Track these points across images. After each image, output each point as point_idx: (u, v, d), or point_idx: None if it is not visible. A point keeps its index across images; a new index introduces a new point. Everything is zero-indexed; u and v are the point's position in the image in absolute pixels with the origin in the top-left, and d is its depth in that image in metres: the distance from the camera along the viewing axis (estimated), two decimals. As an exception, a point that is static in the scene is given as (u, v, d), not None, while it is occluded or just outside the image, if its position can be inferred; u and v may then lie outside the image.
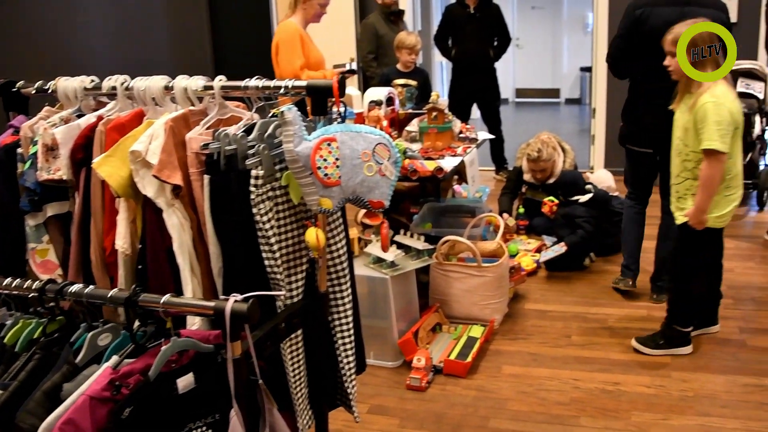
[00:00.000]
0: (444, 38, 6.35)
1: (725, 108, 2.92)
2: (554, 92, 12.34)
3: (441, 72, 9.59)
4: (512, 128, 8.29)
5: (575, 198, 4.43)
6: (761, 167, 5.66)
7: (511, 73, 12.11)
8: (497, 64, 6.42)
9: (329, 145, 1.65)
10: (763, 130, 5.58)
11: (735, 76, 5.86)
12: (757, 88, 5.69)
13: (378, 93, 3.96)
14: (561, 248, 4.20)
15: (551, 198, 4.55)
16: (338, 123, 1.76)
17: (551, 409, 2.95)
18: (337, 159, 1.66)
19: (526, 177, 4.77)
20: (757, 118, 5.56)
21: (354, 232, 3.45)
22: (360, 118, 3.70)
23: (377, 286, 3.26)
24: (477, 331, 3.44)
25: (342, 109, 1.82)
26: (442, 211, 4.17)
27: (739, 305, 3.83)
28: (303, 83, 1.76)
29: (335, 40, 6.27)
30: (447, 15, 6.32)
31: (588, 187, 4.45)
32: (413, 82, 5.01)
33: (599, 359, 3.30)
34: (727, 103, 2.93)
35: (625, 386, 3.08)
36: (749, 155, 5.55)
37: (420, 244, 3.39)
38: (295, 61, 4.02)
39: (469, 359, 3.21)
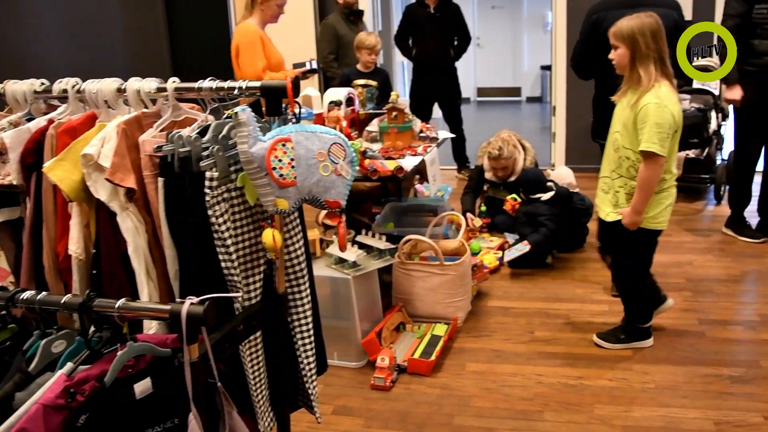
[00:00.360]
0: (404, 38, 6.37)
1: (668, 110, 2.90)
2: (515, 91, 12.44)
3: (402, 72, 9.61)
4: (474, 127, 8.35)
5: (537, 196, 4.46)
6: (718, 162, 5.76)
7: (472, 72, 12.18)
8: (458, 64, 6.46)
9: (284, 145, 1.64)
10: (719, 126, 5.68)
11: (691, 72, 5.97)
12: (712, 85, 5.79)
13: (337, 93, 3.96)
14: (524, 247, 4.22)
15: (513, 196, 4.58)
16: (293, 123, 1.76)
17: (515, 404, 2.97)
18: (292, 159, 1.65)
19: (488, 175, 4.80)
20: (713, 114, 5.66)
21: (315, 233, 3.44)
22: (320, 119, 3.69)
23: (340, 287, 3.26)
24: (440, 330, 3.45)
25: (298, 110, 1.81)
26: (404, 211, 4.17)
27: (698, 297, 3.90)
28: (257, 84, 1.74)
29: (295, 40, 6.24)
30: (407, 15, 6.34)
31: (549, 184, 4.48)
32: (373, 83, 5.01)
33: (562, 354, 3.33)
34: (670, 106, 2.91)
35: (588, 380, 3.11)
36: (706, 150, 5.64)
37: (382, 243, 3.40)
38: (258, 63, 4.00)
39: (433, 357, 3.22)
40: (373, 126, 4.10)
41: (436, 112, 6.55)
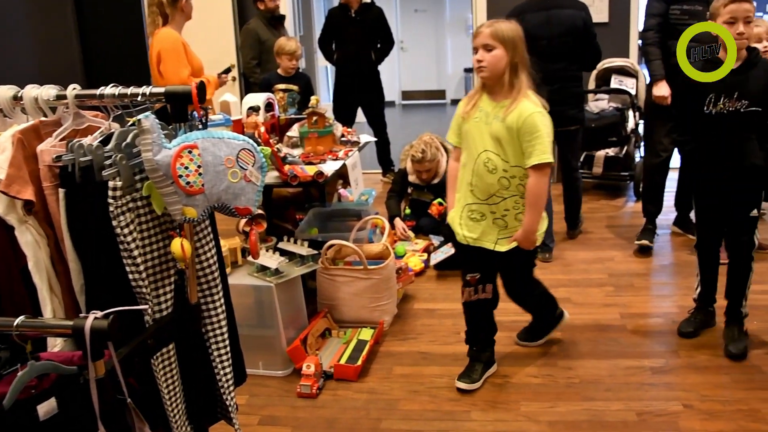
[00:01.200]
0: (327, 42, 6.35)
1: (548, 118, 2.72)
2: (440, 93, 12.57)
3: (326, 76, 9.59)
4: (399, 130, 8.39)
5: None
6: (636, 160, 5.92)
7: (396, 75, 12.26)
8: (382, 67, 6.47)
9: (190, 152, 1.60)
10: (637, 124, 5.84)
11: (609, 73, 6.13)
12: (629, 84, 5.97)
13: (256, 99, 3.91)
14: (450, 249, 4.24)
15: (439, 201, 4.61)
16: (200, 129, 1.71)
17: (442, 405, 2.98)
18: (199, 166, 1.61)
19: (411, 178, 4.81)
20: (630, 113, 5.83)
21: (237, 241, 3.39)
22: (238, 125, 3.63)
23: (262, 295, 3.21)
24: (367, 334, 3.44)
25: (205, 115, 1.76)
26: (328, 216, 4.15)
27: (619, 292, 3.99)
28: (161, 90, 1.69)
29: (215, 46, 6.15)
30: (329, 19, 6.32)
31: None
32: (295, 87, 4.98)
33: (487, 353, 3.35)
34: (546, 113, 2.74)
35: (514, 378, 3.14)
36: (625, 148, 5.80)
37: (304, 250, 3.36)
38: (182, 71, 3.90)
39: (360, 362, 3.20)
40: (294, 131, 4.07)
41: (363, 116, 6.55)
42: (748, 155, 3.07)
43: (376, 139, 5.71)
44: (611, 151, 6.02)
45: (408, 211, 4.94)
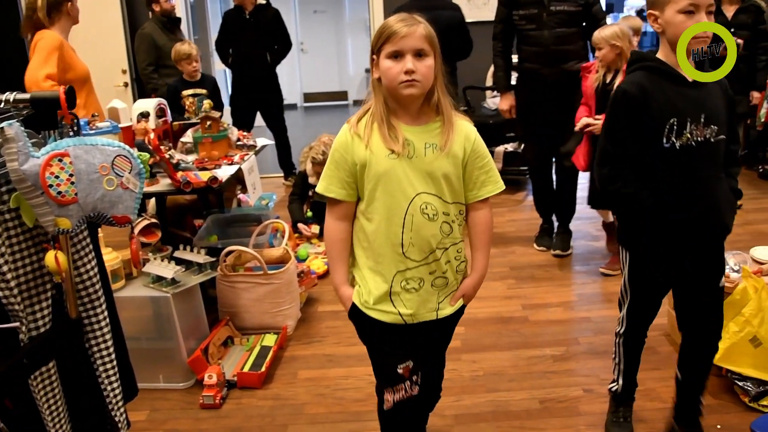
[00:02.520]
0: (223, 45, 6.24)
1: None
2: (342, 95, 12.56)
3: (225, 80, 9.42)
4: (302, 132, 8.34)
5: None
6: None
7: (297, 77, 12.18)
8: (283, 70, 6.40)
9: (61, 160, 1.53)
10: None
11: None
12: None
13: (146, 105, 3.79)
14: None
15: None
16: (72, 136, 1.64)
17: (349, 407, 2.96)
18: (71, 175, 1.54)
19: (312, 180, 4.77)
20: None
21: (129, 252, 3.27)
22: (127, 132, 3.51)
23: (160, 306, 3.12)
24: (270, 340, 3.39)
25: (106, 124, 1.69)
26: (227, 222, 4.07)
27: (521, 284, 4.07)
28: (26, 96, 1.61)
29: (104, 52, 5.94)
30: (224, 21, 6.21)
31: None
32: (203, 91, 4.86)
33: (392, 352, 3.35)
34: None
35: (419, 374, 3.15)
36: (522, 144, 5.93)
37: (201, 257, 3.28)
38: (41, 71, 3.63)
39: (264, 369, 3.15)
40: (188, 137, 3.96)
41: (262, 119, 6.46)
42: (722, 205, 2.31)
43: (273, 143, 5.63)
44: (510, 147, 6.16)
45: (310, 213, 4.89)
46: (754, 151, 6.83)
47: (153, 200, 3.98)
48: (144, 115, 3.63)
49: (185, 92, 4.77)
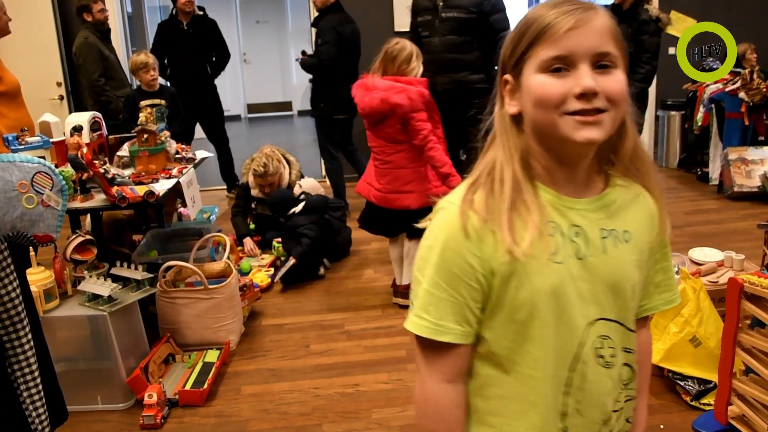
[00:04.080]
0: (160, 57, 6.09)
1: None
2: (286, 105, 12.49)
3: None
4: (246, 144, 8.26)
5: (291, 212, 4.44)
6: None
7: (241, 88, 12.07)
8: (226, 81, 6.33)
9: (-24, 178, 1.46)
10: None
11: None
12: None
13: (79, 118, 3.68)
14: (290, 261, 4.17)
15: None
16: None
17: (293, 421, 2.91)
18: (-13, 193, 1.47)
19: (254, 192, 4.71)
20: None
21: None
22: (60, 147, 3.41)
23: (97, 325, 3.02)
24: (213, 356, 3.32)
25: (36, 138, 1.62)
26: (168, 237, 3.99)
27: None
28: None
29: (37, 64, 5.78)
30: (160, 32, 6.08)
31: (301, 197, 4.48)
32: (162, 101, 4.76)
33: (338, 364, 3.32)
34: None
35: (365, 386, 3.12)
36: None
37: (138, 274, 3.19)
38: None
39: (206, 386, 3.07)
40: (124, 151, 3.87)
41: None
42: None
43: (213, 155, 5.55)
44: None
45: (252, 226, 4.82)
46: (692, 154, 6.99)
47: (88, 216, 3.88)
48: (77, 129, 3.53)
49: (143, 103, 4.67)
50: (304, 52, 5.72)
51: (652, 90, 7.34)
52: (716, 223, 5.27)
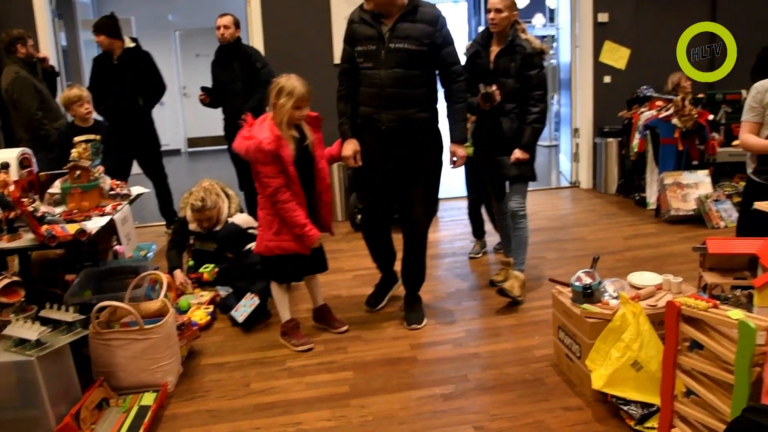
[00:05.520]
0: (96, 91, 5.98)
1: None
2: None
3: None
4: (187, 178, 8.14)
5: (247, 248, 4.36)
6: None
7: (181, 123, 11.91)
8: (166, 115, 6.22)
9: None
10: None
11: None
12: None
13: (6, 155, 3.55)
14: (253, 300, 4.04)
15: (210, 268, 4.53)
16: None
17: (234, 464, 2.82)
18: None
19: (192, 227, 4.60)
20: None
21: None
22: (-16, 185, 3.28)
23: (24, 372, 2.87)
24: (149, 399, 3.19)
25: None
26: (103, 276, 3.87)
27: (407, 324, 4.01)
28: None
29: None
30: (94, 67, 5.97)
31: (252, 232, 4.40)
32: (96, 137, 4.61)
33: (279, 402, 3.23)
34: None
35: (307, 424, 3.04)
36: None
37: (69, 315, 3.06)
38: None
39: (141, 431, 2.96)
40: (56, 188, 3.75)
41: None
42: None
43: (148, 191, 5.41)
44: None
45: (191, 262, 4.71)
46: (630, 180, 7.13)
47: (15, 257, 3.73)
48: (4, 167, 3.40)
49: (77, 138, 4.52)
50: (204, 89, 5.76)
51: (589, 117, 7.53)
52: (655, 247, 5.36)
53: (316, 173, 3.74)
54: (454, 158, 3.89)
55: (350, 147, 3.84)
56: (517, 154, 4.15)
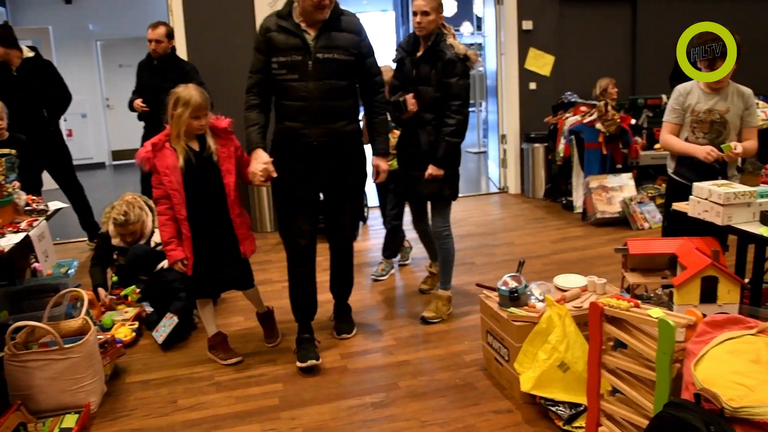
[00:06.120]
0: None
1: None
2: (154, 151, 12.11)
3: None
4: (111, 192, 7.91)
5: (160, 267, 4.25)
6: None
7: (104, 135, 11.63)
8: (89, 127, 6.02)
9: None
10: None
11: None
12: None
13: None
14: (172, 319, 3.92)
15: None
16: None
17: (160, 485, 2.73)
18: None
19: (115, 241, 4.46)
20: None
21: None
22: None
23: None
24: (70, 421, 3.07)
25: None
26: (20, 295, 3.74)
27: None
28: None
29: None
30: None
31: (158, 248, 4.27)
32: (11, 151, 4.42)
33: (208, 418, 3.15)
34: None
35: (235, 441, 2.98)
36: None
37: (-19, 337, 2.95)
38: None
39: (62, 455, 2.85)
40: (-34, 205, 3.60)
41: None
42: None
43: (67, 206, 5.23)
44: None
45: (115, 278, 4.57)
46: (557, 185, 7.27)
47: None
48: None
49: None
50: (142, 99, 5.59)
51: (515, 123, 7.65)
52: (582, 250, 5.46)
53: (224, 187, 3.49)
54: (378, 172, 3.76)
55: (260, 160, 3.44)
56: (430, 170, 3.91)
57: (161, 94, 5.52)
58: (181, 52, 6.55)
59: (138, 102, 5.70)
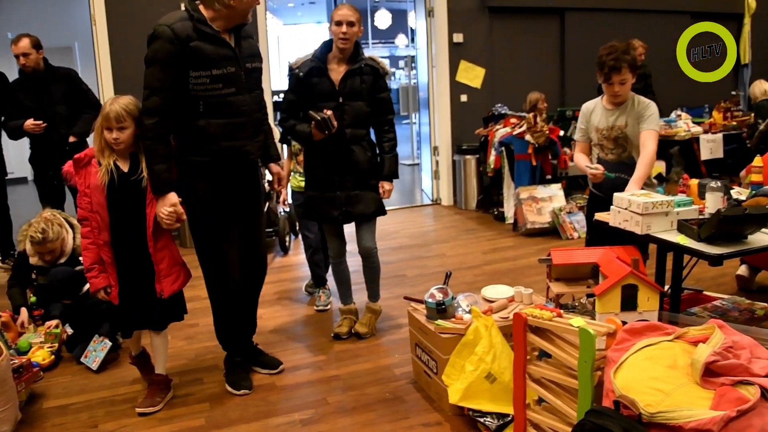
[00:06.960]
0: None
1: None
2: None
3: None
4: (33, 209, 7.56)
5: (85, 290, 4.10)
6: (280, 215, 6.01)
7: (26, 148, 11.25)
8: (10, 141, 5.76)
9: None
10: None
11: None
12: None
13: None
14: (104, 342, 3.75)
15: None
16: None
17: None
18: None
19: (33, 260, 4.28)
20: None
21: None
22: None
23: None
24: (-18, 450, 2.94)
25: None
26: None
27: (268, 349, 3.86)
28: None
29: None
30: None
31: (80, 268, 4.12)
32: None
33: (128, 442, 3.05)
34: None
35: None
36: (267, 204, 5.82)
37: None
38: None
39: (-29, 487, 2.71)
40: None
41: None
42: None
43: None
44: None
45: (33, 299, 4.39)
46: (488, 195, 7.34)
47: None
48: None
49: None
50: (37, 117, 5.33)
51: (447, 135, 7.70)
52: (512, 260, 5.50)
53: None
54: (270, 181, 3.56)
55: (169, 203, 3.07)
56: (387, 186, 3.89)
57: (56, 107, 5.27)
58: (105, 68, 6.35)
59: (30, 122, 5.32)
